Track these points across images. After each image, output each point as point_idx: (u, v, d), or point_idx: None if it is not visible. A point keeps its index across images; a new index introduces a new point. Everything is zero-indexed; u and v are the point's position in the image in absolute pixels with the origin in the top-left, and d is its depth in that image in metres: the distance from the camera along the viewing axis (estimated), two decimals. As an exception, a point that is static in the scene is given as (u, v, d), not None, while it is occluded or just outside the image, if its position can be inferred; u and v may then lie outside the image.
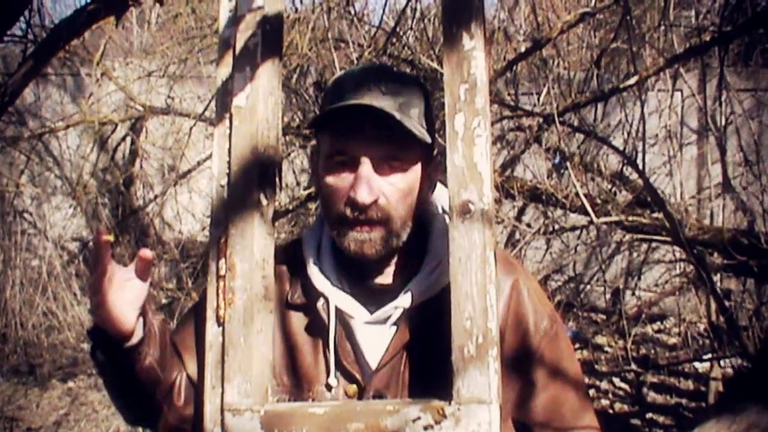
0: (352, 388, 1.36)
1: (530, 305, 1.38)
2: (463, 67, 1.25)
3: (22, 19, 2.73)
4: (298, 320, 1.40)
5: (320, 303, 1.36)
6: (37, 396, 5.41)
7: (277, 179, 1.37)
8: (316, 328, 1.38)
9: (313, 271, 1.38)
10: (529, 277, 1.43)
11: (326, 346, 1.36)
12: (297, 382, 1.38)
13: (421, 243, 1.39)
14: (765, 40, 5.78)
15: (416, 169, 1.34)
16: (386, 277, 1.38)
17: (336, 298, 1.36)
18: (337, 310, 1.35)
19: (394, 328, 1.35)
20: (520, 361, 1.35)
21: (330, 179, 1.33)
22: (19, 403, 5.28)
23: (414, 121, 1.31)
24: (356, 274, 1.38)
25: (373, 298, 1.36)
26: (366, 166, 1.29)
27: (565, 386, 1.38)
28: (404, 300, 1.33)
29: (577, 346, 5.74)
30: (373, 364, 1.35)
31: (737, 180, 4.90)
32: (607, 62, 5.48)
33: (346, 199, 1.30)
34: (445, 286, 1.31)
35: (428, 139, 1.33)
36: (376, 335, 1.36)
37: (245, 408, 1.24)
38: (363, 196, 1.28)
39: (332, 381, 1.35)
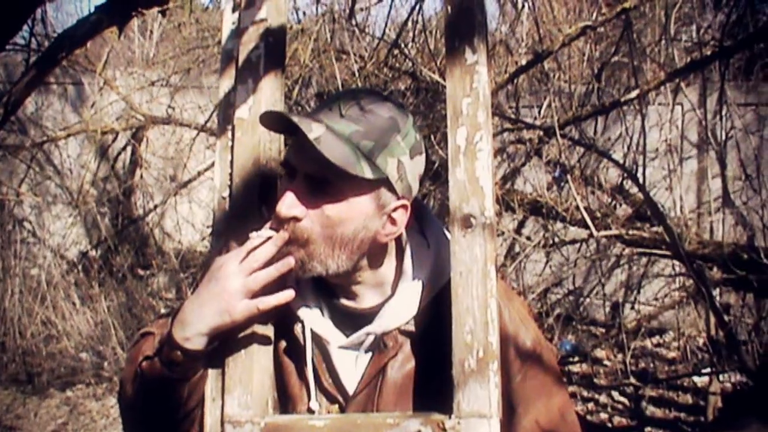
0: (334, 408, 1.34)
1: (511, 327, 1.33)
2: (465, 81, 1.25)
3: (24, 27, 2.74)
4: (282, 342, 1.37)
5: (298, 327, 1.33)
6: (35, 405, 5.40)
7: (278, 191, 1.37)
8: (297, 352, 1.35)
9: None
10: (512, 298, 1.38)
11: (305, 369, 1.34)
12: (284, 401, 1.36)
13: (398, 268, 1.35)
14: (765, 55, 5.79)
15: (356, 203, 1.25)
16: (359, 301, 1.34)
17: (312, 321, 1.33)
18: (314, 334, 1.33)
19: (370, 354, 1.33)
20: (502, 385, 1.26)
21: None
22: (18, 412, 5.27)
23: (359, 152, 1.22)
24: (329, 296, 1.35)
25: (351, 322, 1.33)
26: (298, 180, 1.25)
27: (550, 413, 1.33)
28: (376, 326, 1.31)
29: (576, 359, 5.73)
30: (350, 389, 1.33)
31: (737, 194, 4.90)
32: (608, 76, 5.49)
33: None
34: (421, 310, 1.30)
35: (366, 174, 1.22)
36: (351, 360, 1.33)
37: (245, 420, 1.24)
38: (280, 207, 1.24)
39: (314, 405, 1.33)
